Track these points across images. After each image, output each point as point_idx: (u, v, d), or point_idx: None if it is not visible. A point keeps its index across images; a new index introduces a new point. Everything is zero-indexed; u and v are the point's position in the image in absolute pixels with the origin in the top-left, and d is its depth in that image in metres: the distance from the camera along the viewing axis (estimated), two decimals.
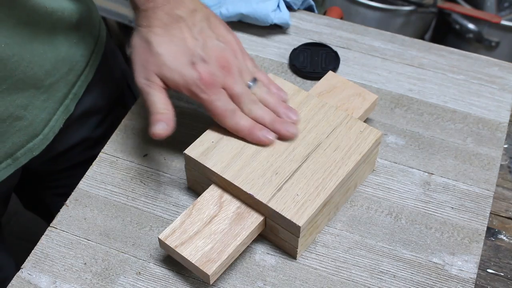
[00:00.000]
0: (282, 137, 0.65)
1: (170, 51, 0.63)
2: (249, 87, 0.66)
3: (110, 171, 0.71)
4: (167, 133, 0.62)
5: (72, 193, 0.69)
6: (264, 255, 0.64)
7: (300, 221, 0.59)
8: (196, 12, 0.65)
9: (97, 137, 0.85)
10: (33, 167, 0.78)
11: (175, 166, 0.71)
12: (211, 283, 0.59)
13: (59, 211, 0.67)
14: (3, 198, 0.79)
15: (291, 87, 0.70)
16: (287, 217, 0.59)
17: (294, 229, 0.60)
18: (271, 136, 0.64)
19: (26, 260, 0.63)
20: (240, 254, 0.62)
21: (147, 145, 0.73)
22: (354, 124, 0.66)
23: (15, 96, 0.67)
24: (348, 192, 0.67)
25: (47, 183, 0.88)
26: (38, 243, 0.65)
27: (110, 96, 0.86)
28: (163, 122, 0.62)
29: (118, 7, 1.64)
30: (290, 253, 0.64)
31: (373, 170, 0.70)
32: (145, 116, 0.76)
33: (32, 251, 0.64)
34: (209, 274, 0.57)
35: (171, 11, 0.63)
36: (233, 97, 0.64)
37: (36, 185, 0.88)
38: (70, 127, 0.79)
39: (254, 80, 0.66)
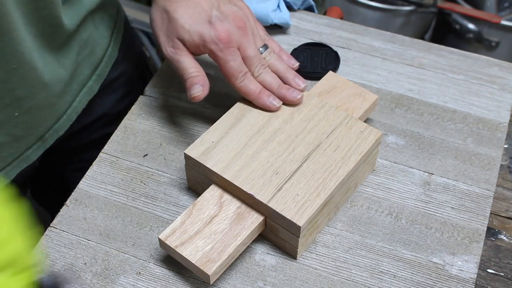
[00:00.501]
0: (288, 102, 0.68)
1: (187, 14, 0.65)
2: (260, 52, 0.68)
3: (110, 171, 0.71)
4: (204, 94, 0.66)
5: (72, 193, 0.69)
6: (264, 255, 0.64)
7: (300, 221, 0.59)
8: None
9: (116, 113, 0.86)
10: (54, 145, 0.80)
11: (175, 166, 0.71)
12: (211, 283, 0.59)
13: (77, 185, 0.69)
14: (24, 181, 0.80)
15: None
16: (287, 217, 0.59)
17: (294, 229, 0.60)
18: (277, 102, 0.67)
19: None
20: (240, 254, 0.62)
21: (147, 145, 0.73)
22: (354, 124, 0.66)
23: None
24: (349, 192, 0.67)
25: (67, 159, 0.90)
26: (38, 243, 0.65)
27: (131, 73, 0.88)
28: (199, 84, 0.66)
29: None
30: (290, 253, 0.64)
31: (373, 170, 0.70)
32: (145, 116, 0.76)
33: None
34: (209, 274, 0.57)
35: None
36: (245, 59, 0.67)
37: (55, 162, 0.89)
38: (91, 104, 0.81)
39: (265, 46, 0.69)
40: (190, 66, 0.66)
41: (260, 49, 0.69)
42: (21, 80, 0.65)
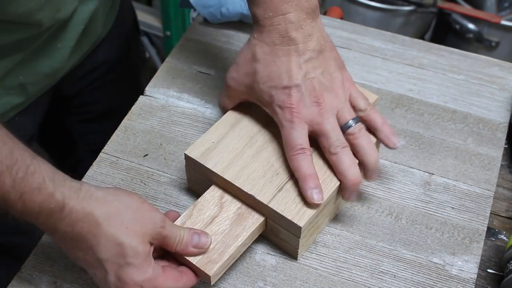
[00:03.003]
0: (343, 198, 0.63)
1: (267, 71, 0.63)
2: (347, 126, 0.63)
3: (110, 171, 0.71)
4: None
5: None
6: (264, 255, 0.64)
7: (301, 221, 0.59)
8: (311, 38, 0.63)
9: (113, 61, 0.89)
10: (62, 88, 0.83)
11: (175, 166, 0.71)
12: (212, 284, 0.59)
13: (81, 137, 0.73)
14: (33, 129, 0.83)
15: None
16: (288, 218, 0.59)
17: (295, 230, 0.60)
18: (318, 198, 0.60)
19: (27, 260, 0.63)
20: (240, 254, 0.62)
21: (147, 145, 0.73)
22: None
23: None
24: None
25: (72, 109, 0.93)
26: (38, 243, 0.65)
27: (127, 22, 0.92)
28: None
29: None
30: (290, 253, 0.64)
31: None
32: (145, 116, 0.76)
33: (33, 251, 0.64)
34: (210, 275, 0.57)
35: (286, 32, 0.62)
36: (319, 134, 0.62)
37: (60, 112, 0.93)
38: (96, 49, 0.84)
39: (356, 119, 0.63)
40: (225, 102, 0.69)
41: (348, 123, 0.62)
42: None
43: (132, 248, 0.53)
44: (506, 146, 0.75)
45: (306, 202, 0.60)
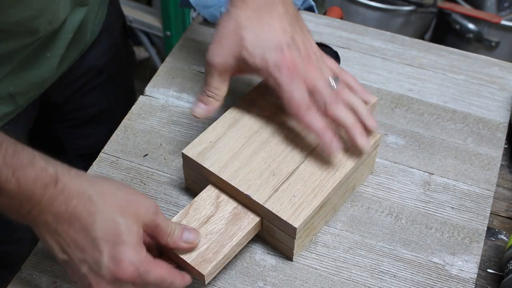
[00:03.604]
0: (353, 145, 0.63)
1: (255, 36, 0.62)
2: (330, 84, 0.63)
3: (110, 171, 0.71)
4: (202, 115, 0.65)
5: None
6: (264, 255, 0.64)
7: (296, 222, 0.59)
8: (287, 2, 0.64)
9: (101, 66, 0.88)
10: (51, 95, 0.82)
11: (175, 166, 0.71)
12: (206, 283, 0.59)
13: (71, 142, 0.71)
14: (22, 137, 0.82)
15: None
16: (284, 218, 0.59)
17: (290, 231, 0.60)
18: (338, 149, 0.62)
19: (27, 260, 0.63)
20: (240, 254, 0.62)
21: (147, 145, 0.73)
22: None
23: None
24: (346, 193, 0.67)
25: (61, 116, 0.92)
26: (38, 243, 0.65)
27: (114, 26, 0.90)
28: (202, 104, 0.64)
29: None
30: (286, 254, 0.63)
31: (372, 171, 0.70)
32: (145, 116, 0.76)
33: (33, 251, 0.64)
34: (204, 274, 0.57)
35: None
36: (313, 91, 0.62)
37: (49, 120, 0.92)
38: (83, 56, 0.83)
39: (336, 78, 0.65)
40: (212, 85, 0.64)
41: (330, 79, 0.64)
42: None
43: (127, 226, 0.52)
44: (506, 146, 0.75)
45: (303, 203, 0.60)
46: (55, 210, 0.51)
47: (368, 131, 0.64)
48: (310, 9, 0.89)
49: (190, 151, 0.64)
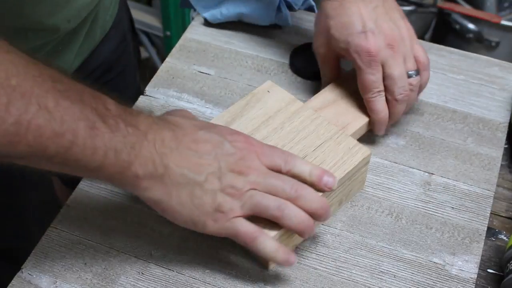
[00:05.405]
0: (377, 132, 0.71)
1: (339, 23, 0.67)
2: (409, 76, 0.67)
3: None
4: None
5: (73, 193, 0.69)
6: None
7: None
8: None
9: (111, 61, 0.90)
10: None
11: None
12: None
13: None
14: None
15: (287, 96, 0.69)
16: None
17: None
18: (382, 131, 0.70)
19: (27, 260, 0.63)
20: (240, 254, 0.62)
21: None
22: (344, 140, 0.65)
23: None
24: (332, 208, 0.64)
25: None
26: (38, 243, 0.65)
27: (123, 22, 0.92)
28: None
29: None
30: (262, 263, 0.62)
31: (362, 188, 0.69)
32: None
33: (33, 251, 0.64)
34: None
35: None
36: (388, 78, 0.66)
37: None
38: (94, 51, 0.84)
39: (417, 72, 0.68)
40: (322, 72, 0.73)
41: (410, 72, 0.67)
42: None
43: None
44: (506, 146, 0.75)
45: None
46: (164, 135, 0.55)
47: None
48: (310, 9, 0.89)
49: None
